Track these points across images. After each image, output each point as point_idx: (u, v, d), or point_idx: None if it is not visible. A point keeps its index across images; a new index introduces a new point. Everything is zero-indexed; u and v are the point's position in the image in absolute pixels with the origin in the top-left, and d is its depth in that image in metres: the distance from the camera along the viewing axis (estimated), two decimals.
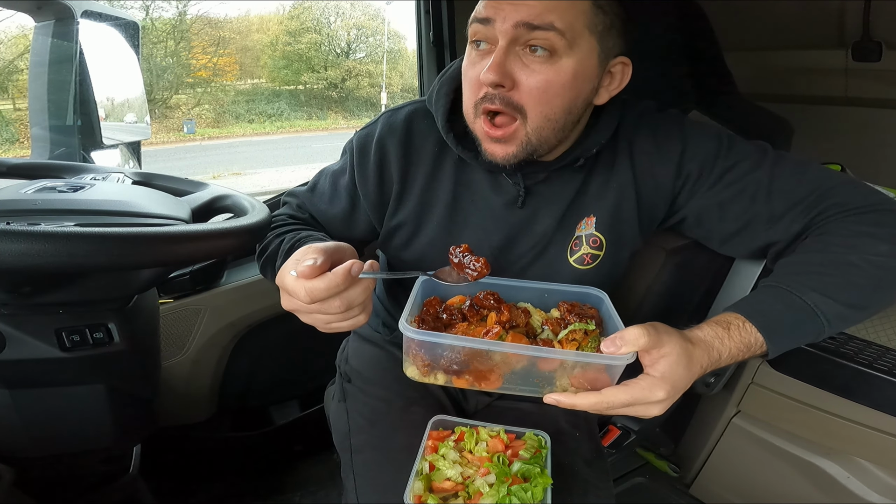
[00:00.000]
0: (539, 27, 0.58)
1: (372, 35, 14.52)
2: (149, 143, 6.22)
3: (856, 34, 1.24)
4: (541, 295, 0.63)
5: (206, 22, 12.86)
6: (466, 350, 0.52)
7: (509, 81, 0.60)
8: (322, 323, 0.57)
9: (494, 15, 0.59)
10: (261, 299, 1.23)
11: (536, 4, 0.58)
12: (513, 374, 0.53)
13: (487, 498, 0.57)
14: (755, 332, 0.56)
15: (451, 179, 0.74)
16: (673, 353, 0.51)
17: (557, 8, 0.58)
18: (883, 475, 0.91)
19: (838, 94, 1.38)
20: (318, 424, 1.05)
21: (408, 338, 0.53)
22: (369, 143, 0.75)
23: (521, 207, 0.72)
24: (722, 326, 0.56)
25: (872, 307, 0.60)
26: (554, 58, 0.59)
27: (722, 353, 0.55)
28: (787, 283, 0.60)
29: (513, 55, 0.60)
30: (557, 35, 0.58)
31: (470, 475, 0.60)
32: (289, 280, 0.54)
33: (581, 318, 0.58)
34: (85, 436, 0.78)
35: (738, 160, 0.68)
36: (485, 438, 0.65)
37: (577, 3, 0.59)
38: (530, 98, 0.61)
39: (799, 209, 0.65)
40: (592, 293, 0.63)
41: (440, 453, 0.63)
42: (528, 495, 0.57)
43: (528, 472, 0.60)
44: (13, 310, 0.67)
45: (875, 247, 0.59)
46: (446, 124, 0.70)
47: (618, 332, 0.51)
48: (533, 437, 0.66)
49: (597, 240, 0.73)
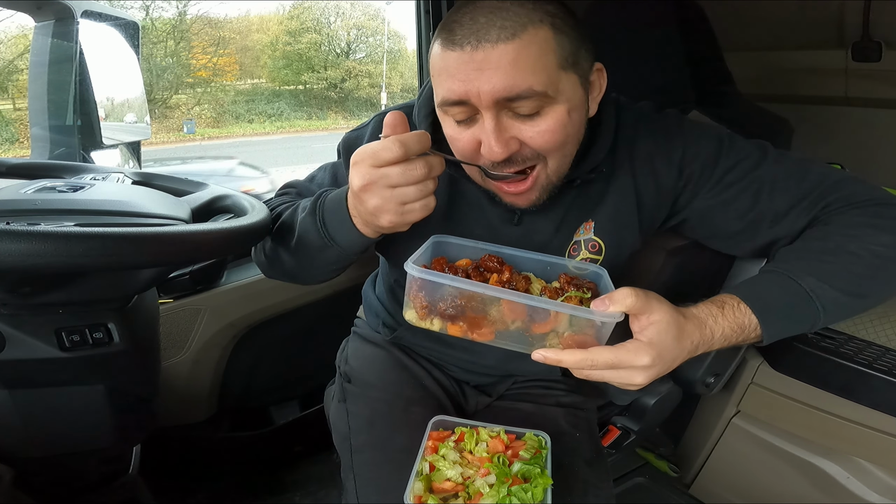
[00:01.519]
0: (519, 97, 0.55)
1: (372, 35, 14.52)
2: (149, 143, 6.20)
3: (856, 34, 1.24)
4: (544, 267, 0.64)
5: (206, 22, 12.86)
6: (465, 294, 0.53)
7: (515, 143, 0.59)
8: (398, 200, 0.56)
9: (466, 94, 0.56)
10: (261, 299, 1.23)
11: (505, 67, 0.53)
12: (506, 331, 0.55)
13: (488, 498, 0.57)
14: (749, 314, 0.57)
15: (445, 190, 0.73)
16: (662, 321, 0.52)
17: (527, 64, 0.54)
18: (883, 475, 0.91)
19: (838, 94, 1.38)
20: (318, 424, 1.05)
21: (411, 277, 0.54)
22: (358, 146, 0.73)
23: (517, 224, 0.72)
24: (717, 305, 0.57)
25: (871, 296, 0.60)
26: (546, 108, 0.57)
27: (715, 332, 0.56)
28: (784, 268, 0.60)
29: (504, 119, 0.58)
30: (539, 96, 0.55)
31: (470, 476, 0.60)
32: (374, 144, 0.54)
33: (578, 288, 0.58)
34: (85, 436, 0.78)
35: (739, 159, 0.68)
36: (485, 439, 0.65)
37: (541, 44, 0.54)
38: (544, 146, 0.59)
39: (803, 205, 0.65)
40: (591, 268, 0.64)
41: (440, 454, 0.63)
42: (528, 496, 0.57)
43: (529, 472, 0.60)
44: (13, 310, 0.67)
45: (876, 237, 0.59)
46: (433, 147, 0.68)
47: (608, 293, 0.52)
48: (533, 437, 0.66)
49: (595, 244, 0.72)
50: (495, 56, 0.54)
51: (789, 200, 0.66)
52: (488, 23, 0.54)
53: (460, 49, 0.55)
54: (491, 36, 0.54)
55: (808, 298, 0.57)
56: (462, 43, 0.55)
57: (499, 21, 0.54)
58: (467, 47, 0.54)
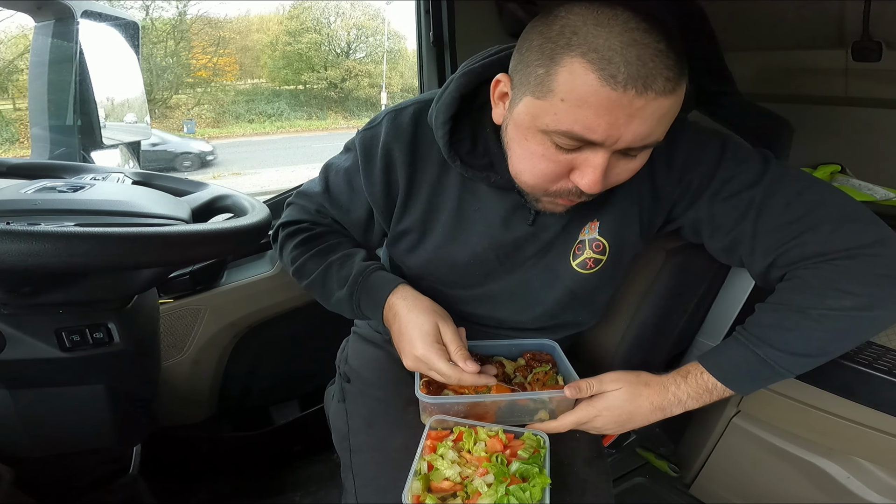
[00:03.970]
0: (645, 147, 0.55)
1: (372, 35, 14.53)
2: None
3: (856, 34, 1.24)
4: (509, 349, 0.80)
5: (206, 22, 12.87)
6: (465, 403, 0.68)
7: None
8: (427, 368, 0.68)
9: (607, 136, 0.52)
10: (261, 299, 1.23)
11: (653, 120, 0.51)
12: (499, 410, 0.70)
13: (486, 498, 0.57)
14: (713, 380, 0.64)
15: (456, 187, 0.72)
16: (610, 395, 0.67)
17: (667, 120, 0.53)
18: (883, 475, 0.91)
19: (838, 94, 1.38)
20: (318, 424, 1.05)
21: (423, 401, 0.68)
22: (374, 146, 0.73)
23: (531, 224, 0.72)
24: (681, 375, 0.66)
25: (833, 354, 0.63)
26: None
27: (680, 397, 0.65)
28: (746, 336, 0.64)
29: (612, 158, 0.56)
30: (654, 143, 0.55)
31: (468, 475, 0.60)
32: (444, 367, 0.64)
33: (540, 363, 0.78)
34: (85, 436, 0.78)
35: (737, 173, 0.66)
36: (483, 438, 0.65)
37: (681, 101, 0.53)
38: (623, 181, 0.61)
39: (777, 237, 0.63)
40: (546, 343, 0.80)
41: (438, 453, 0.63)
42: (526, 495, 0.57)
43: (527, 471, 0.60)
44: (13, 310, 0.67)
45: (839, 300, 0.59)
46: (451, 152, 0.68)
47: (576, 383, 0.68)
48: (532, 436, 0.66)
49: (600, 244, 0.72)
50: (652, 108, 0.50)
51: (770, 229, 0.64)
52: (656, 69, 0.49)
53: (622, 91, 0.49)
54: (657, 86, 0.49)
55: (767, 365, 0.62)
56: (626, 85, 0.49)
57: (665, 70, 0.49)
58: (630, 91, 0.49)
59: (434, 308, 0.70)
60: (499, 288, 0.78)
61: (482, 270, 0.76)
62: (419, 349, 0.66)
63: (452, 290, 0.80)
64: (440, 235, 0.74)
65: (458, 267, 0.76)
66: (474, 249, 0.74)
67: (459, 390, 0.71)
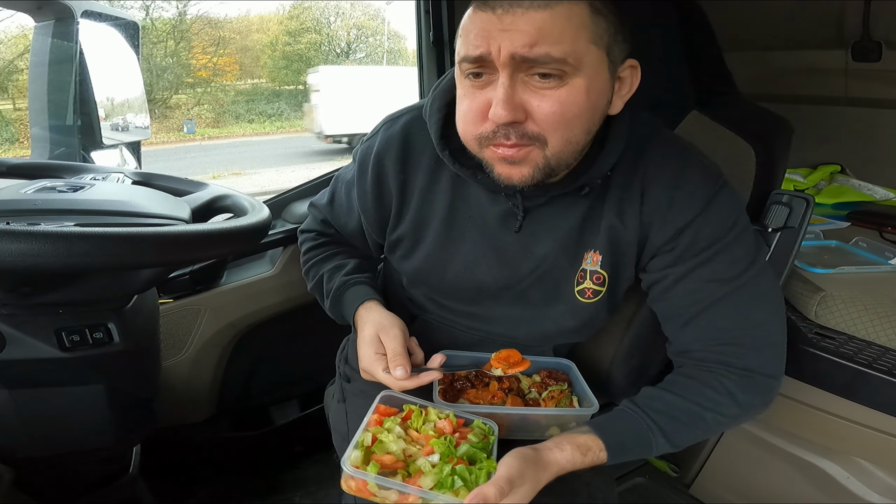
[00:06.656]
0: (537, 60, 0.54)
1: (372, 35, 14.55)
2: (149, 143, 6.22)
3: (856, 34, 1.24)
4: None
5: (206, 22, 12.88)
6: (478, 413, 0.68)
7: (522, 114, 0.56)
8: None
9: (486, 49, 0.55)
10: (261, 299, 1.23)
11: (530, 31, 0.53)
12: (511, 423, 0.70)
13: (429, 475, 0.55)
14: (604, 456, 0.63)
15: (447, 193, 0.72)
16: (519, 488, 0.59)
17: (552, 33, 0.53)
18: (883, 475, 0.91)
19: (838, 94, 1.38)
20: (318, 424, 1.05)
21: None
22: (368, 158, 0.75)
23: (517, 231, 0.71)
24: (581, 452, 0.62)
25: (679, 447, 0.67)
26: (564, 79, 0.55)
27: (568, 469, 0.62)
28: (649, 422, 0.65)
29: (519, 83, 0.56)
30: (558, 63, 0.54)
31: (412, 454, 0.58)
32: (383, 377, 0.67)
33: (556, 381, 0.77)
34: (85, 436, 0.78)
35: (719, 261, 0.66)
36: (433, 419, 0.64)
37: (573, 18, 0.54)
38: (548, 125, 0.57)
39: (713, 335, 0.66)
40: (563, 363, 0.80)
41: (385, 426, 0.62)
42: (472, 477, 0.55)
43: (475, 455, 0.59)
44: (13, 310, 0.67)
45: (728, 408, 0.65)
46: (441, 141, 0.68)
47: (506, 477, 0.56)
48: (482, 425, 0.65)
49: (600, 277, 0.71)
50: (523, 21, 0.53)
51: (714, 325, 0.66)
52: None
53: (491, 11, 0.54)
54: (524, 3, 0.53)
55: (650, 450, 0.65)
56: (494, 6, 0.54)
57: None
58: (498, 10, 0.54)
59: (381, 320, 0.72)
60: (493, 303, 0.77)
61: (474, 283, 0.75)
62: (364, 360, 0.70)
63: (447, 300, 0.80)
64: (431, 243, 0.74)
65: (450, 276, 0.75)
66: (465, 258, 0.73)
67: (475, 401, 0.72)
